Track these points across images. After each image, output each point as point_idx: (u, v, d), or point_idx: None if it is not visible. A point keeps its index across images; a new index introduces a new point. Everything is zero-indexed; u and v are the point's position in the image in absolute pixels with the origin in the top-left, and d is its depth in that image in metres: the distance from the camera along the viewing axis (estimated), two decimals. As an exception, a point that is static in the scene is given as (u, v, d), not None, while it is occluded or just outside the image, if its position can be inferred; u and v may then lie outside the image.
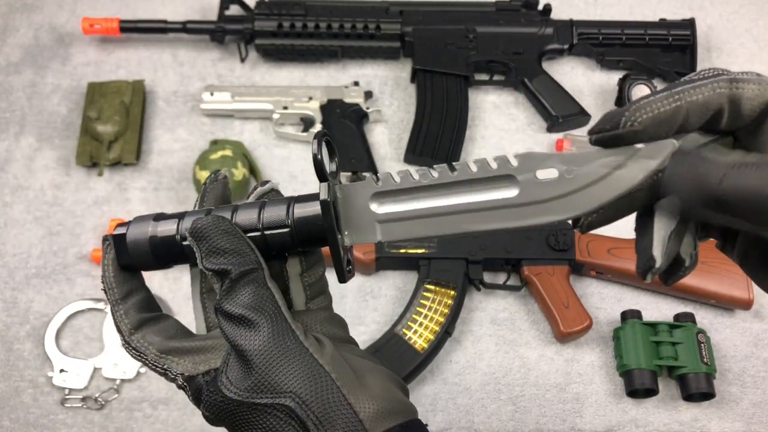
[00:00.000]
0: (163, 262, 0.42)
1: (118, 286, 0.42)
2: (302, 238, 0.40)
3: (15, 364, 0.90)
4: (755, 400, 0.88)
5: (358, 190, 0.39)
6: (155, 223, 0.42)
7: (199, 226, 0.39)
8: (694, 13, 1.15)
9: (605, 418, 0.87)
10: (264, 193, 0.44)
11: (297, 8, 1.09)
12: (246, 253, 0.38)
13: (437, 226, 0.38)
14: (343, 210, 0.40)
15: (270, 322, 0.36)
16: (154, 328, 0.41)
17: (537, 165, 0.35)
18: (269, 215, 0.40)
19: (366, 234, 0.39)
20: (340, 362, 0.37)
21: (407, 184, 0.38)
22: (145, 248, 0.42)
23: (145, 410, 0.88)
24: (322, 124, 1.04)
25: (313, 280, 0.43)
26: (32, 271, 0.96)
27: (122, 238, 0.42)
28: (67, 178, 1.03)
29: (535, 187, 0.35)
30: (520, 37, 1.11)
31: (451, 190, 0.37)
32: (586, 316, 0.90)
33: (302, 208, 0.40)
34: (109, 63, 1.13)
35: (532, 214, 0.36)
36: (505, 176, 0.36)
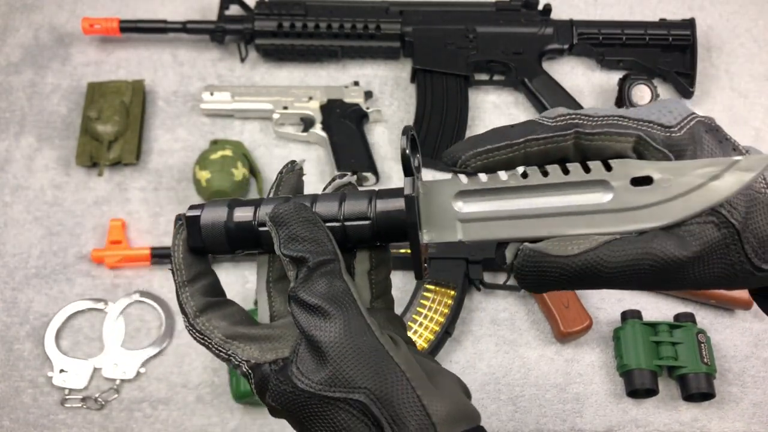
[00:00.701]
0: (235, 246, 0.42)
1: (187, 267, 0.41)
2: (382, 232, 0.40)
3: (15, 365, 0.90)
4: (755, 400, 0.88)
5: (443, 187, 0.39)
6: (231, 209, 0.41)
7: (280, 212, 0.38)
8: (694, 13, 1.15)
9: (605, 418, 0.87)
10: (341, 186, 0.43)
11: (297, 8, 1.09)
12: (325, 242, 0.38)
13: (522, 228, 0.37)
14: (423, 207, 0.39)
15: (346, 315, 0.36)
16: (220, 313, 0.41)
17: (632, 172, 0.35)
18: (351, 206, 0.40)
19: (446, 232, 0.39)
20: (413, 362, 0.37)
21: (495, 184, 0.38)
22: (220, 231, 0.41)
23: (145, 410, 0.88)
24: (321, 124, 1.04)
25: (380, 278, 0.43)
26: (32, 271, 0.96)
27: (196, 220, 0.41)
28: (67, 178, 1.03)
29: (629, 194, 0.35)
30: (520, 37, 1.10)
31: (540, 192, 0.37)
32: (586, 316, 0.90)
33: (385, 202, 0.39)
34: (109, 63, 1.13)
35: (623, 221, 0.35)
36: (597, 181, 0.36)
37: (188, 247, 0.42)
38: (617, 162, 0.35)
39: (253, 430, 0.86)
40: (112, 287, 0.95)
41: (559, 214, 0.37)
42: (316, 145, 1.06)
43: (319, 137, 1.04)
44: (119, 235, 0.96)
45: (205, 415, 0.87)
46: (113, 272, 0.96)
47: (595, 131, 0.36)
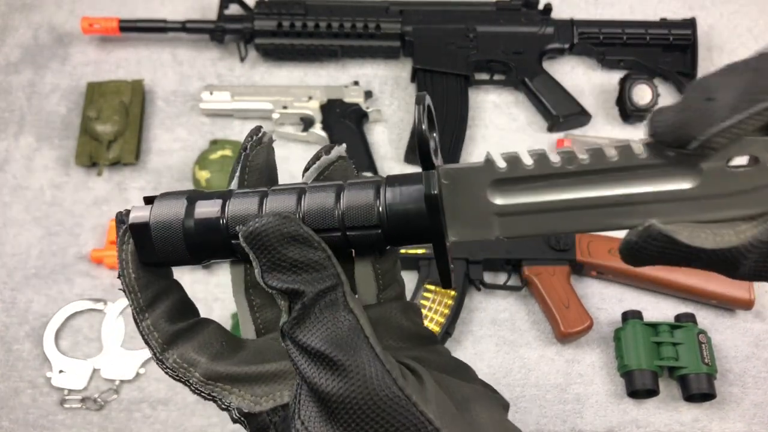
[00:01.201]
0: (201, 255, 0.33)
1: (142, 289, 0.33)
2: (397, 239, 0.32)
3: (14, 365, 0.90)
4: (756, 400, 0.88)
5: (474, 175, 0.31)
6: (190, 205, 0.32)
7: (257, 230, 0.29)
8: (695, 13, 1.14)
9: (606, 419, 0.87)
10: (330, 164, 0.34)
11: (297, 7, 1.09)
12: (322, 266, 0.29)
13: (579, 220, 0.30)
14: (449, 200, 0.31)
15: (360, 364, 0.28)
16: (194, 343, 0.33)
17: (732, 151, 0.28)
18: (353, 207, 0.31)
19: (479, 229, 0.31)
20: (444, 406, 0.29)
21: (544, 170, 0.30)
22: (177, 238, 0.32)
23: (145, 411, 0.87)
24: (321, 124, 1.04)
25: (388, 267, 0.35)
26: (31, 272, 0.96)
27: (144, 228, 0.32)
28: (66, 178, 1.03)
29: (723, 177, 0.28)
30: (520, 37, 1.10)
31: (606, 177, 0.29)
32: (586, 316, 0.89)
33: (399, 200, 0.31)
34: (108, 62, 1.13)
35: (713, 208, 0.28)
36: (680, 162, 0.28)
37: (139, 261, 0.33)
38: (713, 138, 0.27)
39: (252, 430, 0.86)
40: (112, 287, 0.95)
41: (629, 203, 0.29)
42: (316, 144, 1.06)
43: (318, 137, 1.04)
44: (118, 235, 0.96)
45: (205, 415, 0.87)
46: (113, 272, 0.96)
47: None
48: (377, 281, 0.35)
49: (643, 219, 0.29)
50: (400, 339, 0.34)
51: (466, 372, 0.35)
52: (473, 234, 0.32)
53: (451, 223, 0.32)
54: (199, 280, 0.94)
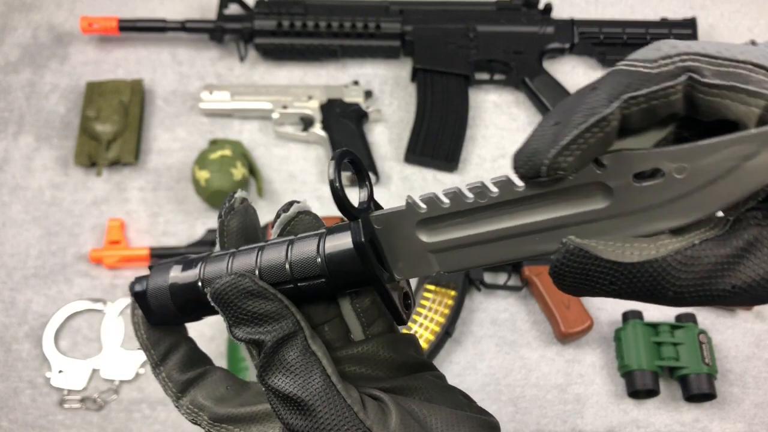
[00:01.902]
0: (191, 316, 0.37)
1: (154, 346, 0.38)
2: (342, 285, 0.34)
3: (13, 365, 0.90)
4: (757, 401, 0.88)
5: (400, 217, 0.33)
6: (176, 269, 0.37)
7: (219, 290, 0.33)
8: (695, 12, 1.14)
9: (606, 419, 0.87)
10: (289, 221, 0.36)
11: (296, 7, 1.09)
12: (279, 315, 0.32)
13: (506, 250, 0.31)
14: (386, 240, 0.33)
15: (321, 401, 0.31)
16: (203, 389, 0.37)
17: (634, 167, 0.28)
18: (299, 260, 0.33)
19: (419, 266, 0.33)
20: (410, 430, 0.32)
21: (459, 206, 0.31)
22: (167, 301, 0.36)
23: (144, 411, 0.87)
24: (321, 124, 1.04)
25: (366, 305, 0.37)
26: (31, 272, 0.96)
27: (143, 295, 0.37)
28: (65, 178, 1.02)
29: (633, 194, 0.28)
30: (520, 36, 1.10)
31: (518, 206, 0.30)
32: (587, 316, 0.89)
33: (335, 249, 0.33)
34: (107, 62, 1.13)
35: (629, 226, 0.29)
36: (590, 184, 0.29)
37: (148, 324, 0.38)
38: (609, 157, 0.28)
39: (252, 431, 0.86)
40: (111, 287, 0.95)
41: (546, 229, 0.30)
42: (315, 144, 1.06)
43: (318, 137, 1.04)
44: (118, 235, 0.96)
45: (205, 416, 0.87)
46: (112, 272, 0.96)
47: (715, 82, 0.26)
48: (360, 319, 0.37)
49: None
50: (388, 370, 0.36)
51: (452, 398, 0.36)
52: (415, 271, 0.34)
53: (393, 263, 0.34)
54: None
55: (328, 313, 0.36)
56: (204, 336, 0.90)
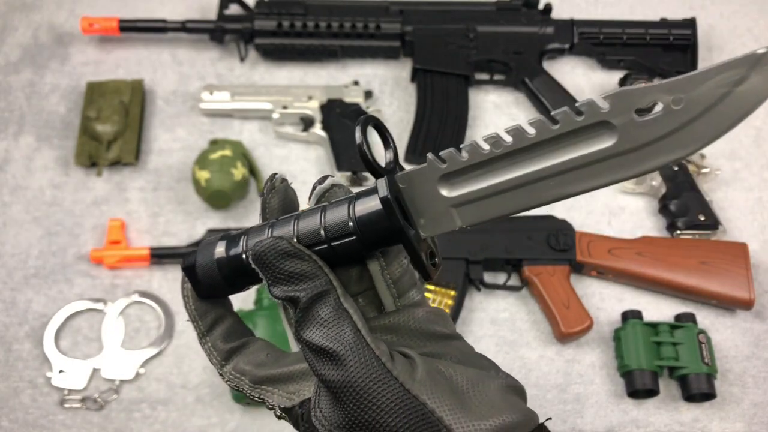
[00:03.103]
0: (238, 285, 0.39)
1: (201, 318, 0.40)
2: (373, 242, 0.36)
3: (14, 365, 0.90)
4: (756, 400, 0.88)
5: (422, 175, 0.35)
6: (221, 245, 0.39)
7: (258, 251, 0.35)
8: (695, 13, 1.14)
9: (606, 419, 0.87)
10: (324, 192, 0.39)
11: (297, 7, 1.09)
12: (314, 274, 0.35)
13: (523, 197, 0.33)
14: (410, 199, 0.36)
15: (352, 352, 0.33)
16: (245, 357, 0.40)
17: (635, 102, 0.29)
18: (331, 223, 0.36)
19: (443, 222, 0.35)
20: (436, 384, 0.33)
21: (477, 158, 0.33)
22: (215, 274, 0.39)
23: (144, 411, 0.87)
24: (321, 124, 1.04)
25: (397, 275, 0.39)
26: (31, 272, 0.96)
27: (193, 269, 0.40)
28: (66, 178, 1.02)
29: (636, 129, 0.30)
30: (520, 37, 1.10)
31: (531, 153, 0.32)
32: (586, 316, 0.89)
33: (364, 209, 0.35)
34: (108, 62, 1.13)
35: (637, 161, 0.30)
36: (595, 124, 0.30)
37: (196, 295, 0.41)
38: (613, 95, 0.30)
39: (252, 430, 0.86)
40: (111, 287, 0.95)
41: (559, 173, 0.32)
42: (315, 144, 1.06)
43: (318, 137, 1.04)
44: (118, 235, 0.96)
45: (205, 415, 0.87)
46: (112, 272, 0.96)
47: None
48: (390, 290, 0.39)
49: (580, 184, 0.32)
50: (418, 340, 0.38)
51: (481, 362, 0.38)
52: (439, 227, 0.36)
53: (418, 221, 0.36)
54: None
55: (361, 285, 0.38)
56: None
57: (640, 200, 1.01)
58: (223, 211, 1.00)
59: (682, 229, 0.96)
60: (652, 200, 1.00)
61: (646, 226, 0.99)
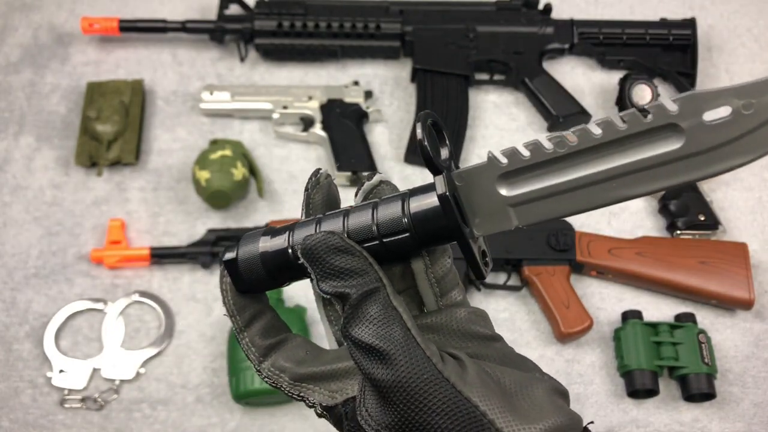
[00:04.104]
0: (280, 280, 0.39)
1: (240, 312, 0.40)
2: (426, 240, 0.36)
3: (14, 365, 0.90)
4: (756, 400, 0.88)
5: (481, 173, 0.35)
6: (265, 239, 0.39)
7: (309, 246, 0.35)
8: (695, 13, 1.14)
9: (606, 419, 0.87)
10: (372, 188, 0.39)
11: (297, 8, 1.09)
12: (365, 271, 0.34)
13: (585, 198, 0.33)
14: (466, 197, 0.35)
15: (402, 352, 0.33)
16: (283, 354, 0.39)
17: (704, 106, 0.29)
18: (384, 219, 0.35)
19: (499, 221, 0.35)
20: (486, 386, 0.33)
21: (540, 157, 0.33)
22: (258, 268, 0.38)
23: (144, 411, 0.87)
24: (321, 124, 1.04)
25: (441, 274, 0.39)
26: (31, 271, 0.96)
27: (234, 263, 0.39)
28: (66, 178, 1.03)
29: (704, 133, 0.29)
30: (520, 37, 1.10)
31: (595, 154, 0.32)
32: (586, 316, 0.89)
33: (419, 206, 0.35)
34: (108, 62, 1.13)
35: (703, 165, 0.30)
36: (663, 126, 0.30)
37: (236, 290, 0.40)
38: (682, 97, 0.30)
39: (252, 430, 0.86)
40: (112, 287, 0.95)
41: (624, 174, 0.31)
42: (315, 144, 1.06)
43: (318, 137, 1.04)
44: (118, 235, 0.96)
45: (205, 415, 0.87)
46: (112, 272, 0.96)
47: None
48: (433, 289, 0.39)
49: (644, 186, 0.31)
50: (459, 340, 0.38)
51: (524, 363, 0.38)
52: (494, 226, 0.35)
53: (473, 220, 0.35)
54: (198, 280, 0.94)
55: (404, 283, 0.38)
56: (204, 336, 0.90)
57: (640, 200, 1.01)
58: (223, 211, 1.00)
59: (682, 229, 0.96)
60: (652, 200, 1.00)
61: (646, 226, 0.99)
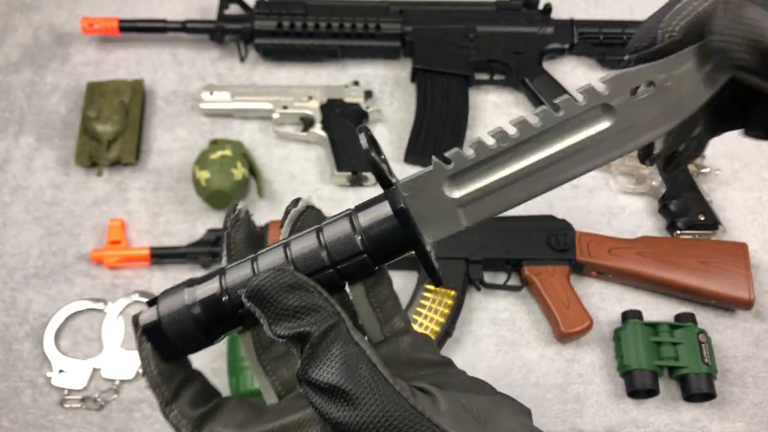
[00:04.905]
0: (214, 335, 0.35)
1: (166, 383, 0.35)
2: (383, 257, 0.34)
3: (14, 365, 0.90)
4: (756, 400, 0.88)
5: (428, 179, 0.34)
6: (190, 290, 0.35)
7: (256, 287, 0.32)
8: (694, 13, 1.14)
9: (606, 419, 0.87)
10: (300, 215, 0.36)
11: (297, 7, 1.09)
12: (320, 306, 0.32)
13: (529, 187, 0.34)
14: (415, 208, 0.34)
15: (371, 390, 0.30)
16: (221, 420, 0.35)
17: (630, 83, 0.32)
18: (334, 243, 0.33)
19: (448, 224, 0.35)
20: (460, 417, 0.32)
21: (484, 154, 0.34)
22: (187, 325, 0.34)
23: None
24: (321, 124, 1.04)
25: (382, 299, 0.36)
26: (31, 271, 0.96)
27: (156, 325, 0.35)
28: (66, 178, 1.03)
29: (632, 108, 0.32)
30: (520, 37, 1.10)
31: (536, 142, 0.33)
32: (586, 316, 0.89)
33: (372, 222, 0.34)
34: (108, 62, 1.13)
35: (633, 137, 0.33)
36: (596, 107, 0.33)
37: (159, 358, 0.35)
38: (610, 78, 0.32)
39: (252, 430, 0.86)
40: (112, 287, 0.95)
41: (563, 159, 0.33)
42: (315, 144, 1.06)
43: (318, 137, 1.04)
44: (118, 235, 0.96)
45: (205, 415, 0.87)
46: (112, 272, 0.96)
47: None
48: (376, 315, 0.37)
49: (582, 165, 0.33)
50: (412, 370, 0.36)
51: (482, 387, 0.37)
52: (445, 230, 0.35)
53: (423, 228, 0.35)
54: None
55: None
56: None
57: (640, 200, 1.01)
58: (223, 211, 1.00)
59: (682, 229, 0.96)
60: (652, 200, 1.00)
61: (646, 226, 0.99)
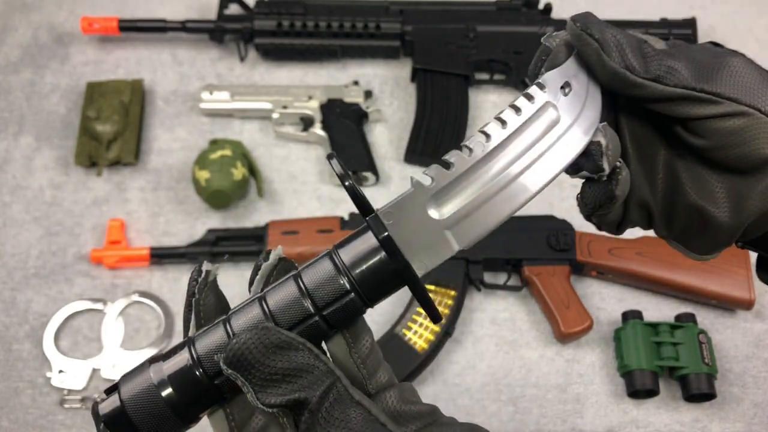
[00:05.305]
0: (190, 414, 0.31)
1: None
2: (373, 295, 0.31)
3: (14, 365, 0.90)
4: (756, 400, 0.88)
5: (410, 202, 0.32)
6: (156, 367, 0.31)
7: (236, 351, 0.27)
8: (695, 13, 1.14)
9: (606, 419, 0.87)
10: (272, 268, 0.33)
11: (296, 7, 1.09)
12: (314, 365, 0.28)
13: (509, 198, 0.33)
14: (399, 236, 0.31)
15: None
16: None
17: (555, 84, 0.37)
18: (317, 287, 0.30)
19: (439, 250, 0.32)
20: None
21: (463, 165, 0.33)
22: (157, 406, 0.30)
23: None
24: (321, 124, 1.04)
25: (365, 353, 0.33)
26: (31, 272, 0.96)
27: (120, 415, 0.30)
28: (65, 178, 1.02)
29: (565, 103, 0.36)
30: (520, 37, 1.10)
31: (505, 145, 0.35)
32: (586, 316, 0.89)
33: (356, 257, 0.31)
34: (108, 62, 1.13)
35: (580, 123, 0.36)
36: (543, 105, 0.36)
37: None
38: (539, 82, 0.36)
39: (252, 430, 0.86)
40: (111, 287, 0.95)
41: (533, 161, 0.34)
42: (315, 144, 1.06)
43: (318, 137, 1.04)
44: (118, 235, 0.96)
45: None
46: (112, 272, 0.96)
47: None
48: (360, 371, 0.33)
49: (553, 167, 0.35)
50: (403, 425, 0.33)
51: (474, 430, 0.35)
52: (436, 257, 0.32)
53: (411, 258, 0.32)
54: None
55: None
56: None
57: (640, 200, 1.01)
58: (223, 211, 1.00)
59: (682, 229, 0.96)
60: (652, 200, 1.00)
61: (646, 226, 0.99)
